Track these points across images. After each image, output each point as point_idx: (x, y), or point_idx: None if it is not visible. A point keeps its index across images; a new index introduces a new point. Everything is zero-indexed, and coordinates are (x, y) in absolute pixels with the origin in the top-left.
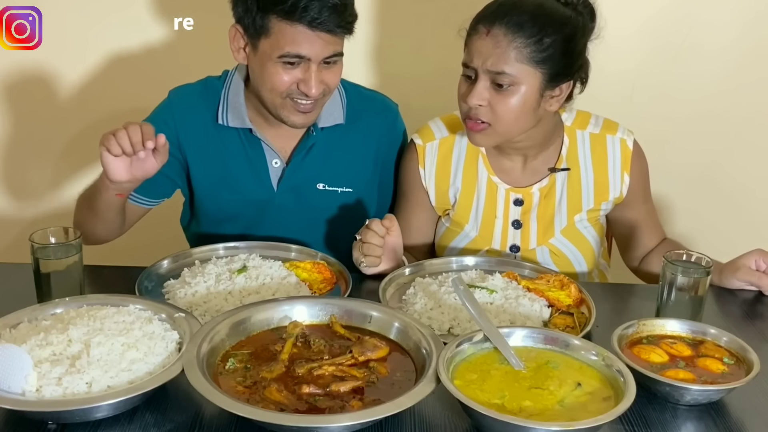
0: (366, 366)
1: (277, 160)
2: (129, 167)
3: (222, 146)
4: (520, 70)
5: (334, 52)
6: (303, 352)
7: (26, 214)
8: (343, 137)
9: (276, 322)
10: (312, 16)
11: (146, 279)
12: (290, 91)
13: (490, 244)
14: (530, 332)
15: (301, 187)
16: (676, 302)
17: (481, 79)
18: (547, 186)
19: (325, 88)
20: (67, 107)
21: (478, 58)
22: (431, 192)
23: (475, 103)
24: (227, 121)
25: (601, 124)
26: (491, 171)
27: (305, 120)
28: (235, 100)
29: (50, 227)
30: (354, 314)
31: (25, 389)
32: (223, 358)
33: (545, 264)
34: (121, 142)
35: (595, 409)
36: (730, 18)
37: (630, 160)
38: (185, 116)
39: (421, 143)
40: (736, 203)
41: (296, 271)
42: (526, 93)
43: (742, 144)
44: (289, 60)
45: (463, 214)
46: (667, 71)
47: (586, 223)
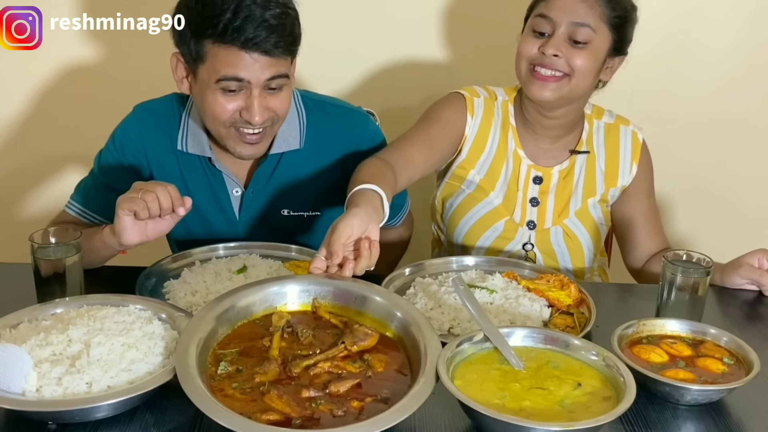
0: (360, 358)
1: (237, 189)
2: (144, 229)
3: (185, 171)
4: (600, 28)
5: (276, 73)
6: (293, 346)
7: (27, 214)
8: (305, 161)
9: (261, 310)
10: (246, 36)
11: (146, 279)
12: (234, 120)
13: (511, 215)
14: (530, 332)
15: (264, 215)
16: (676, 302)
17: (559, 31)
18: (567, 168)
19: (273, 115)
20: (67, 107)
21: (562, 11)
22: (467, 145)
23: (552, 52)
24: (187, 147)
25: (614, 117)
26: (518, 144)
27: (253, 151)
28: (194, 126)
29: (50, 227)
30: (338, 295)
31: (25, 389)
32: (213, 360)
33: (557, 245)
34: (150, 207)
35: (596, 409)
36: (729, 19)
37: (640, 151)
38: (151, 136)
39: (468, 95)
40: (735, 204)
41: (296, 270)
42: (598, 52)
43: (740, 145)
44: (228, 86)
45: (491, 180)
46: (667, 72)
47: (597, 206)
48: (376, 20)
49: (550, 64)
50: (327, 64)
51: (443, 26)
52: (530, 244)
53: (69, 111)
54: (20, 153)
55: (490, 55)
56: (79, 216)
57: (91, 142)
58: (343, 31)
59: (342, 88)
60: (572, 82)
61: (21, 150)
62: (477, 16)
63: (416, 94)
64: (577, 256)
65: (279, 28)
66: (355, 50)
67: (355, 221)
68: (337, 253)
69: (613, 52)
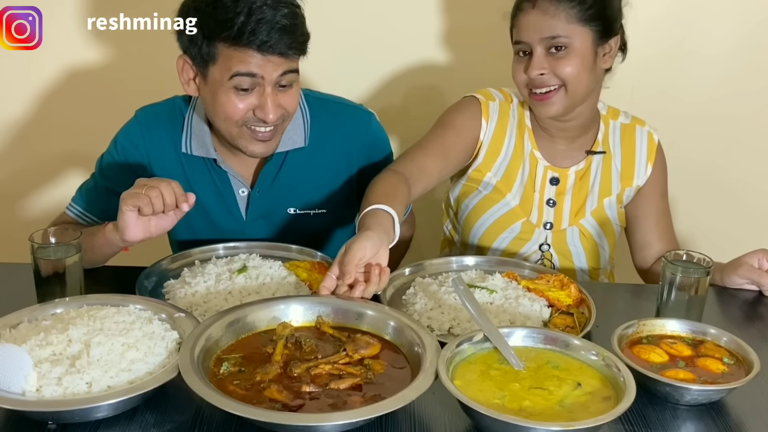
0: (361, 363)
1: (243, 189)
2: (147, 226)
3: (189, 174)
4: (573, 31)
5: (288, 68)
6: (295, 354)
7: (26, 214)
8: (310, 159)
9: (265, 324)
10: (261, 39)
11: (146, 279)
12: (246, 119)
13: (528, 216)
14: (530, 332)
15: (271, 214)
16: (676, 302)
17: (536, 51)
18: (583, 169)
19: (284, 112)
20: (67, 107)
21: (530, 31)
22: (483, 149)
23: (536, 73)
24: (191, 149)
25: (630, 117)
26: (535, 146)
27: (265, 149)
28: (199, 128)
29: (50, 227)
30: (341, 312)
31: (25, 389)
32: (215, 362)
33: (573, 245)
34: (154, 203)
35: (595, 409)
36: (729, 19)
37: (655, 152)
38: (154, 139)
39: (483, 99)
40: (737, 203)
41: (296, 271)
42: (581, 51)
43: (741, 143)
44: (241, 83)
45: (508, 182)
46: (667, 71)
47: (613, 206)
48: (375, 21)
49: (540, 83)
50: (327, 65)
51: (442, 27)
52: (546, 245)
53: (69, 111)
54: (20, 153)
55: (491, 57)
56: (78, 218)
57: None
58: (343, 31)
59: (342, 89)
60: (569, 89)
61: (21, 150)
62: (476, 17)
63: (415, 95)
64: (592, 257)
65: (291, 29)
66: (356, 51)
67: (368, 244)
68: (350, 274)
69: (601, 39)
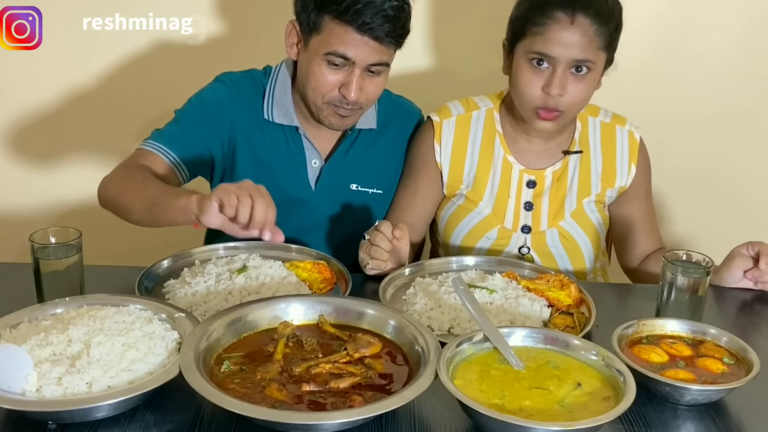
0: (362, 363)
1: (316, 160)
2: (226, 222)
3: (267, 140)
4: (598, 56)
5: (380, 60)
6: (296, 352)
7: (26, 214)
8: (375, 140)
9: (266, 323)
10: (363, 20)
11: (146, 279)
12: (331, 98)
13: (502, 223)
14: (530, 332)
15: (336, 187)
16: (676, 302)
17: (560, 68)
18: (560, 169)
19: (365, 98)
20: (67, 107)
21: (562, 47)
22: (445, 168)
23: (558, 93)
24: (273, 116)
25: (610, 116)
26: (507, 151)
27: (343, 123)
28: (281, 96)
29: (50, 227)
30: (342, 311)
31: (25, 389)
32: (216, 360)
33: (554, 247)
34: (240, 213)
35: (595, 409)
36: (729, 19)
37: (637, 152)
38: (240, 101)
39: (438, 119)
40: (735, 205)
41: (296, 271)
42: (596, 76)
43: (741, 146)
44: (334, 60)
45: (478, 191)
46: (667, 73)
47: (593, 206)
48: None
49: (555, 105)
50: None
51: (430, 31)
52: (526, 248)
53: (69, 111)
54: (19, 153)
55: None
56: (160, 153)
57: (90, 142)
58: None
59: None
60: (571, 114)
61: (20, 150)
62: (464, 19)
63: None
64: (576, 258)
65: (394, 19)
66: None
67: None
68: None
69: (606, 66)
